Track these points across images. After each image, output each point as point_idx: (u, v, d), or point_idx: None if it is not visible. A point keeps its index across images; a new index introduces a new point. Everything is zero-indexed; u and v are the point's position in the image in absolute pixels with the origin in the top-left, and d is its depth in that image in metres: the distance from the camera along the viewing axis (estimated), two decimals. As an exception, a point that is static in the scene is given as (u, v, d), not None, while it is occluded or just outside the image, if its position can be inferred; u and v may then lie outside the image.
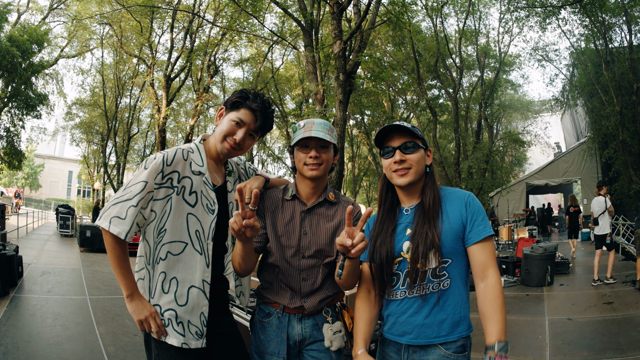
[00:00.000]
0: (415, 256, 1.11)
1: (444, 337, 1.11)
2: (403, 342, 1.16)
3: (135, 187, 1.16)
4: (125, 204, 1.15)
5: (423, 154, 1.19)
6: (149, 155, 1.27)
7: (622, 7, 11.01)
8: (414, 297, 1.14)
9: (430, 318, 1.11)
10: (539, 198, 23.08)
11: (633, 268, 6.45)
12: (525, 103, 20.07)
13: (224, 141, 1.28)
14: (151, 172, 1.17)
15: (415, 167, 1.15)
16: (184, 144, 1.29)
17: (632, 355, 2.89)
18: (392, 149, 1.17)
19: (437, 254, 1.10)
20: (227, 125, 1.27)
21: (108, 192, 21.55)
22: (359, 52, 7.34)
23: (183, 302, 1.20)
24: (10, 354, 2.81)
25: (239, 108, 1.28)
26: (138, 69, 17.09)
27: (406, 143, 1.16)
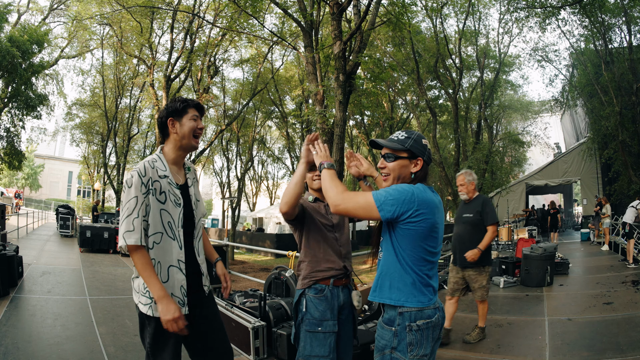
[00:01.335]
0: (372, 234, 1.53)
1: (374, 297, 1.38)
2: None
3: (131, 203, 1.45)
4: (129, 218, 1.44)
5: (402, 163, 1.39)
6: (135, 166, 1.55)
7: (621, 7, 11.03)
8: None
9: (375, 282, 1.41)
10: (539, 198, 23.09)
11: (633, 268, 6.47)
12: (525, 103, 20.09)
13: (192, 137, 1.60)
14: (136, 186, 1.46)
15: (392, 174, 1.40)
16: (148, 157, 1.59)
17: (632, 356, 2.89)
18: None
19: (377, 232, 1.46)
20: (191, 123, 1.59)
21: (108, 193, 21.56)
22: (359, 52, 7.35)
23: (165, 279, 1.50)
24: (10, 354, 2.81)
25: (187, 110, 1.60)
26: (138, 70, 17.11)
27: (387, 153, 1.41)
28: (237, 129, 18.28)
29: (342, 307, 1.85)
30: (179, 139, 1.58)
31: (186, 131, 1.58)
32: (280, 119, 19.56)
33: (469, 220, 3.40)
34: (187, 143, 1.60)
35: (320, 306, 1.78)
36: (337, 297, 1.82)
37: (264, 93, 17.77)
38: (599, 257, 8.39)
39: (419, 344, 1.28)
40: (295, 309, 1.85)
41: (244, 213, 24.36)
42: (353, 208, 1.31)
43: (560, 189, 20.31)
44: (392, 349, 1.29)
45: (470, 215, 3.40)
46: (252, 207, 24.92)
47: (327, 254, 1.85)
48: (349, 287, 1.89)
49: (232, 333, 3.22)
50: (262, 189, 25.62)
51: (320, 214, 1.90)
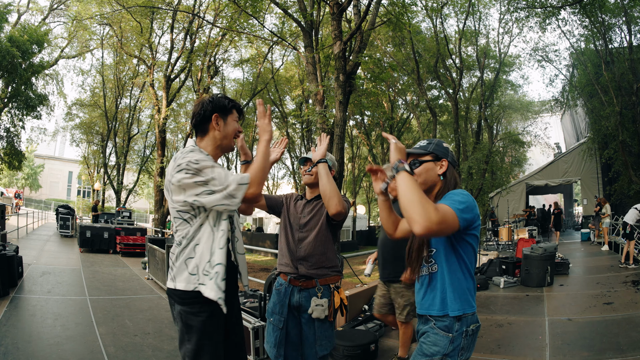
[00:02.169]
0: (410, 248, 1.43)
1: (435, 311, 1.32)
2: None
3: (217, 170, 1.38)
4: (228, 175, 1.40)
5: (428, 166, 1.40)
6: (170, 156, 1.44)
7: (621, 7, 11.02)
8: (418, 279, 1.42)
9: (426, 296, 1.36)
10: (539, 198, 23.08)
11: (633, 269, 6.47)
12: (525, 103, 20.08)
13: (234, 138, 1.56)
14: (206, 157, 1.42)
15: (419, 179, 1.39)
16: (190, 146, 1.48)
17: (632, 356, 2.89)
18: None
19: (425, 245, 1.38)
20: (235, 124, 1.55)
21: (108, 193, 21.54)
22: (359, 52, 7.35)
23: (224, 261, 1.41)
24: (10, 354, 2.81)
25: (232, 110, 1.54)
26: (138, 70, 17.11)
27: (412, 161, 1.42)
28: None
29: (301, 310, 1.82)
30: (221, 138, 1.51)
31: (230, 131, 1.53)
32: (281, 119, 19.55)
33: None
34: (228, 144, 1.54)
35: (274, 298, 1.88)
36: (290, 295, 1.84)
37: (264, 93, 17.77)
38: (599, 257, 8.38)
39: (468, 347, 1.30)
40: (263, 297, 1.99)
41: (244, 213, 24.33)
42: (444, 229, 1.16)
43: (561, 189, 20.29)
44: (444, 355, 1.27)
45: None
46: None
47: (283, 252, 1.90)
48: (311, 292, 1.83)
49: (232, 333, 3.22)
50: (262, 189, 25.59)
51: (294, 211, 1.95)
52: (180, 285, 1.38)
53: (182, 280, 1.39)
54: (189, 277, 1.38)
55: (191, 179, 1.34)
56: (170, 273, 1.45)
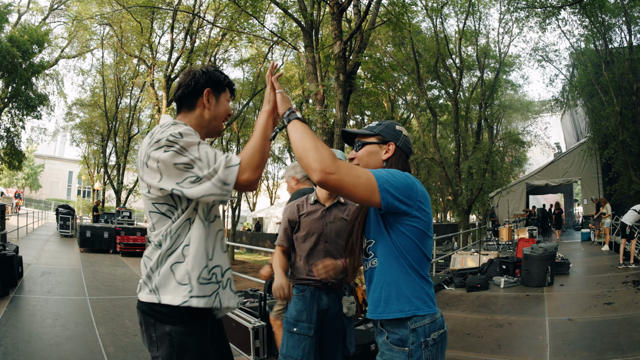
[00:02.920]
0: (348, 239, 1.27)
1: (379, 314, 1.13)
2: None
3: (202, 147, 1.09)
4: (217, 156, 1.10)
5: (370, 149, 1.23)
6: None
7: (621, 7, 11.02)
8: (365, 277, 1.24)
9: (370, 294, 1.18)
10: (539, 198, 23.07)
11: (633, 269, 6.47)
12: (525, 103, 20.08)
13: (224, 121, 1.33)
14: (194, 139, 1.11)
15: (360, 163, 1.23)
16: (175, 120, 1.19)
17: (632, 356, 2.88)
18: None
19: (362, 235, 1.23)
20: (226, 105, 1.31)
21: (108, 193, 21.55)
22: (359, 52, 7.35)
23: (211, 257, 1.18)
24: (10, 354, 2.81)
25: (226, 88, 1.31)
26: (138, 70, 17.11)
27: (356, 141, 1.27)
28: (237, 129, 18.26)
29: (327, 312, 1.79)
30: (210, 118, 1.25)
31: (221, 112, 1.28)
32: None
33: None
34: (216, 126, 1.28)
35: (298, 306, 1.77)
36: (319, 299, 1.77)
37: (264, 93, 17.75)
38: (599, 257, 8.38)
39: (435, 359, 1.12)
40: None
41: (244, 213, 24.37)
42: (351, 183, 1.00)
43: (561, 189, 20.28)
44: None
45: None
46: (252, 207, 24.92)
47: (307, 263, 1.79)
48: (339, 292, 1.83)
49: (232, 333, 3.22)
50: (262, 189, 25.61)
51: (312, 220, 1.83)
52: (166, 299, 1.10)
53: (168, 293, 1.11)
54: (178, 288, 1.10)
55: (172, 158, 1.05)
56: (148, 284, 1.15)
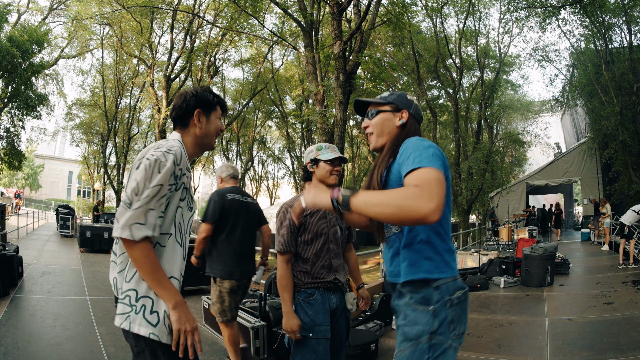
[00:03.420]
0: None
1: (405, 275, 1.12)
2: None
3: (152, 191, 1.15)
4: (143, 208, 1.14)
5: (385, 116, 1.25)
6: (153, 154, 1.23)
7: (622, 7, 11.03)
8: (386, 243, 1.23)
9: (393, 262, 1.17)
10: (539, 198, 23.08)
11: (633, 268, 6.47)
12: (525, 103, 20.09)
13: (215, 137, 1.42)
14: (166, 173, 1.17)
15: (375, 129, 1.25)
16: (172, 141, 1.29)
17: (632, 356, 2.89)
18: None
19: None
20: (217, 122, 1.41)
21: (108, 193, 21.56)
22: (359, 52, 7.35)
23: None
24: (10, 354, 2.81)
25: (216, 107, 1.41)
26: (138, 70, 17.11)
27: (370, 111, 1.28)
28: (237, 129, 18.29)
29: (335, 311, 1.81)
30: (202, 136, 1.37)
31: (212, 129, 1.39)
32: (280, 118, 19.56)
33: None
34: (209, 142, 1.39)
35: (310, 311, 1.73)
36: (328, 300, 1.77)
37: (264, 93, 17.78)
38: (599, 257, 8.38)
39: (460, 320, 1.10)
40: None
41: (244, 213, 24.34)
42: (442, 188, 0.96)
43: (561, 189, 20.29)
44: (432, 333, 1.06)
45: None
46: (252, 207, 24.91)
47: (316, 266, 1.76)
48: (342, 290, 1.86)
49: (232, 333, 3.22)
50: (262, 189, 25.62)
51: (318, 219, 1.79)
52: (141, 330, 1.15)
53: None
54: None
55: (140, 171, 1.15)
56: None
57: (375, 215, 0.97)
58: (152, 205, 1.15)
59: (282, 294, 1.71)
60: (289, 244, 1.74)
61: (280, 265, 1.74)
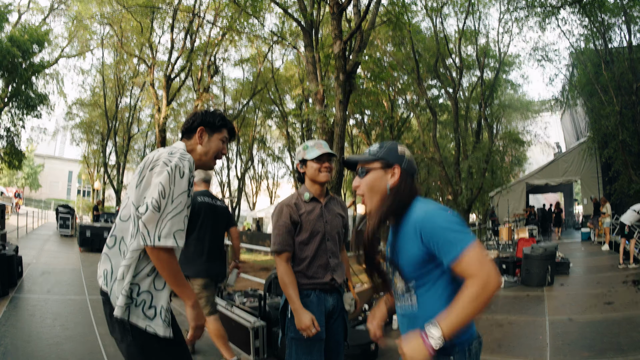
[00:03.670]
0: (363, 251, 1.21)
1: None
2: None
3: (183, 197, 1.24)
4: (180, 215, 1.23)
5: (375, 175, 1.18)
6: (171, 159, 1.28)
7: (621, 7, 11.02)
8: (399, 306, 1.19)
9: (412, 329, 1.12)
10: (539, 198, 23.08)
11: (633, 268, 6.47)
12: (525, 103, 20.08)
13: (215, 159, 1.48)
14: (188, 179, 1.26)
15: (366, 190, 1.19)
16: (181, 149, 1.36)
17: (632, 356, 2.88)
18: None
19: (400, 276, 1.15)
20: (219, 144, 1.48)
21: (108, 192, 21.55)
22: (359, 52, 7.34)
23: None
24: (9, 354, 2.81)
25: (221, 129, 1.48)
26: (138, 69, 17.10)
27: (359, 169, 1.22)
28: (237, 129, 18.26)
29: (332, 312, 1.78)
30: (201, 153, 1.44)
31: (212, 149, 1.46)
32: (281, 118, 19.55)
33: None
34: (207, 161, 1.46)
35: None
36: (325, 301, 1.75)
37: (264, 92, 17.77)
38: (599, 257, 8.38)
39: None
40: (281, 315, 1.76)
41: (244, 213, 24.36)
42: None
43: (561, 189, 20.29)
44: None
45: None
46: (252, 206, 24.93)
47: (313, 266, 1.73)
48: (340, 291, 1.82)
49: (232, 333, 3.22)
50: (262, 188, 25.62)
51: (314, 219, 1.75)
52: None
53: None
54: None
55: (167, 177, 1.22)
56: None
57: (467, 323, 1.00)
58: (186, 212, 1.25)
59: (287, 291, 1.66)
60: (284, 243, 1.70)
61: (279, 264, 1.71)
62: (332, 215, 1.81)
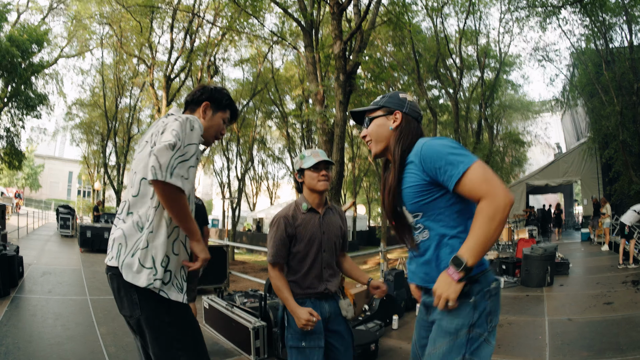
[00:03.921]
0: (388, 214, 1.22)
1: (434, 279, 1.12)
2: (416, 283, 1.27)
3: (191, 148, 1.22)
4: (186, 163, 1.21)
5: (378, 122, 1.25)
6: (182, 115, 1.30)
7: (622, 6, 11.01)
8: (414, 250, 1.21)
9: (428, 267, 1.16)
10: (539, 198, 23.07)
11: (633, 269, 6.48)
12: (525, 103, 20.09)
13: (214, 136, 1.47)
14: (198, 133, 1.27)
15: (372, 138, 1.26)
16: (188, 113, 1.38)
17: (632, 356, 2.89)
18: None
19: (408, 212, 1.18)
20: (220, 123, 1.47)
21: (108, 193, 21.55)
22: (359, 52, 7.35)
23: (177, 252, 1.32)
24: (11, 354, 2.82)
25: (226, 109, 1.47)
26: (138, 69, 17.10)
27: (365, 119, 1.29)
28: (237, 129, 18.25)
29: (330, 319, 1.76)
30: (204, 128, 1.41)
31: (214, 125, 1.45)
32: (281, 118, 19.54)
33: None
34: (207, 138, 1.45)
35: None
36: (320, 307, 1.74)
37: (264, 93, 17.77)
38: (599, 257, 8.39)
39: (495, 311, 1.10)
40: (280, 324, 1.77)
41: (244, 213, 24.36)
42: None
43: (561, 189, 20.29)
44: (471, 326, 1.05)
45: None
46: (252, 207, 24.93)
47: (307, 277, 1.74)
48: (335, 297, 1.81)
49: (232, 333, 3.22)
50: (262, 189, 25.63)
51: (311, 229, 1.74)
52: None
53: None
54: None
55: (176, 123, 1.23)
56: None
57: (489, 247, 1.02)
58: (193, 163, 1.23)
59: (281, 294, 1.68)
60: (278, 255, 1.72)
61: (271, 272, 1.73)
62: (330, 226, 1.80)
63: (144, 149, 1.30)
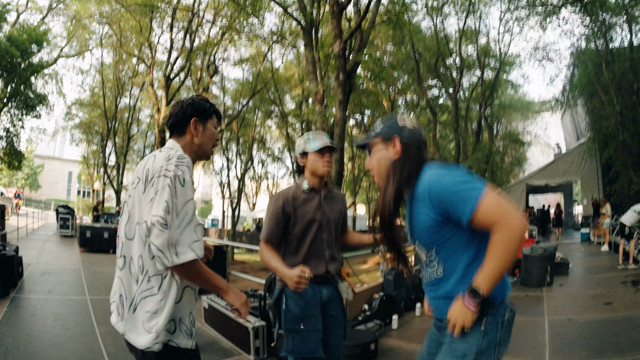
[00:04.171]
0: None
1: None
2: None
3: (190, 207, 1.19)
4: (191, 225, 1.18)
5: (378, 155, 1.21)
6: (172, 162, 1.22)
7: (622, 6, 11.00)
8: (426, 283, 1.21)
9: (437, 299, 1.17)
10: (539, 198, 23.07)
11: (632, 269, 6.48)
12: (525, 103, 20.06)
13: (212, 146, 1.44)
14: (190, 185, 1.22)
15: (374, 169, 1.24)
16: (178, 153, 1.27)
17: (632, 356, 2.89)
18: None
19: (420, 247, 1.17)
20: (213, 131, 1.43)
21: (108, 193, 21.54)
22: (359, 51, 7.35)
23: (178, 299, 1.24)
24: (10, 354, 2.82)
25: (212, 115, 1.44)
26: (137, 69, 17.09)
27: (368, 151, 1.25)
28: (237, 129, 18.25)
29: (328, 302, 1.77)
30: (198, 144, 1.37)
31: (208, 137, 1.39)
32: (280, 118, 19.53)
33: None
34: (206, 151, 1.40)
35: (301, 302, 1.69)
36: (319, 292, 1.74)
37: (263, 92, 17.76)
38: (599, 257, 8.39)
39: (505, 342, 1.07)
40: (276, 307, 1.76)
41: (244, 213, 24.37)
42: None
43: (560, 189, 20.29)
44: (478, 354, 1.04)
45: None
46: (252, 207, 24.93)
47: (308, 257, 1.72)
48: (333, 282, 1.82)
49: (232, 333, 3.22)
50: (262, 188, 25.62)
51: (311, 209, 1.74)
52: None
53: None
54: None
55: (169, 188, 1.15)
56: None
57: (505, 273, 1.02)
58: (196, 221, 1.20)
59: (270, 264, 1.65)
60: (271, 234, 1.72)
61: (261, 247, 1.73)
62: (330, 206, 1.79)
63: (137, 185, 1.24)
